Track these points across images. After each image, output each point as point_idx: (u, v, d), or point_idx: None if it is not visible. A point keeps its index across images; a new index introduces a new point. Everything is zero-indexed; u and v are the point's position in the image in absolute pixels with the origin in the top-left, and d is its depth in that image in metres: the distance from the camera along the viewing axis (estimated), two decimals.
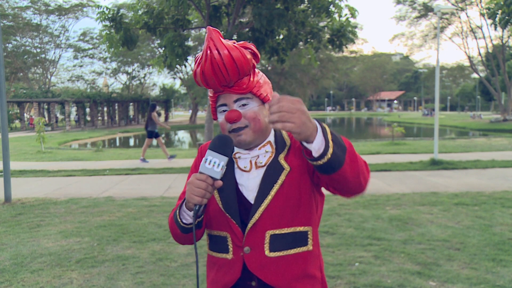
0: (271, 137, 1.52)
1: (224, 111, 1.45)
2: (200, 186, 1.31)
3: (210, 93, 1.49)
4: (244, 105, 1.43)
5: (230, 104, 1.43)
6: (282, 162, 1.46)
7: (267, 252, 1.43)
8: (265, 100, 1.46)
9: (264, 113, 1.46)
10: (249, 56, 1.40)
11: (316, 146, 1.21)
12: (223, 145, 1.36)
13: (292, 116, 1.14)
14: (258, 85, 1.44)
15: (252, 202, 1.45)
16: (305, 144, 1.23)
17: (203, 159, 1.35)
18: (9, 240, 5.23)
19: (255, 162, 1.48)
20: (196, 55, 1.45)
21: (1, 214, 6.56)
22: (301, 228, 1.46)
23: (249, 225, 1.43)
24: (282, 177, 1.44)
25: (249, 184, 1.47)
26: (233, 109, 1.41)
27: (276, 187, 1.43)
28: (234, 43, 1.40)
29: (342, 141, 1.26)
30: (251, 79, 1.43)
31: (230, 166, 1.49)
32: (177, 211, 1.46)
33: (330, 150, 1.21)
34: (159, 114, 12.95)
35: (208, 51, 1.35)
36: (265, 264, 1.43)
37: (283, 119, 1.14)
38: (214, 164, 1.33)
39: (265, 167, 1.47)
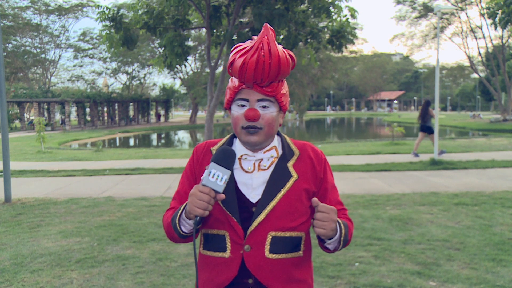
0: (275, 142, 1.55)
1: (242, 105, 1.46)
2: (202, 199, 1.33)
3: (233, 83, 1.49)
4: (264, 106, 1.45)
5: (253, 101, 1.44)
6: (291, 169, 1.50)
7: (267, 253, 1.45)
8: (283, 108, 1.50)
9: (279, 119, 1.50)
10: (290, 63, 1.43)
11: (331, 246, 1.48)
12: (227, 158, 1.37)
13: (325, 224, 1.37)
14: (282, 92, 1.47)
15: (253, 201, 1.47)
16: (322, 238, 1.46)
17: (207, 171, 1.35)
18: (9, 240, 5.23)
19: (259, 165, 1.51)
20: (237, 44, 1.45)
21: (1, 214, 6.56)
22: (298, 234, 1.50)
23: (254, 224, 1.45)
24: (290, 183, 1.48)
25: (252, 183, 1.49)
26: (255, 108, 1.43)
27: (282, 191, 1.47)
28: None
29: (348, 236, 1.51)
30: (279, 85, 1.46)
31: None
32: (176, 219, 1.46)
33: (339, 248, 1.50)
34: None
35: (260, 45, 1.36)
36: (263, 264, 1.45)
37: (320, 226, 1.37)
38: (218, 177, 1.33)
39: (269, 170, 1.50)
